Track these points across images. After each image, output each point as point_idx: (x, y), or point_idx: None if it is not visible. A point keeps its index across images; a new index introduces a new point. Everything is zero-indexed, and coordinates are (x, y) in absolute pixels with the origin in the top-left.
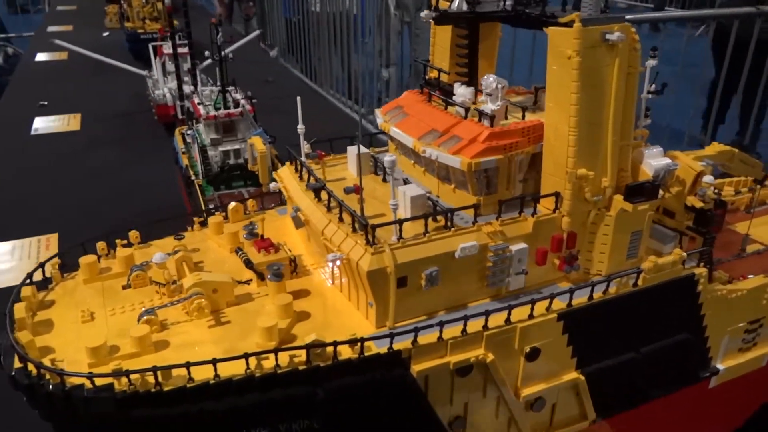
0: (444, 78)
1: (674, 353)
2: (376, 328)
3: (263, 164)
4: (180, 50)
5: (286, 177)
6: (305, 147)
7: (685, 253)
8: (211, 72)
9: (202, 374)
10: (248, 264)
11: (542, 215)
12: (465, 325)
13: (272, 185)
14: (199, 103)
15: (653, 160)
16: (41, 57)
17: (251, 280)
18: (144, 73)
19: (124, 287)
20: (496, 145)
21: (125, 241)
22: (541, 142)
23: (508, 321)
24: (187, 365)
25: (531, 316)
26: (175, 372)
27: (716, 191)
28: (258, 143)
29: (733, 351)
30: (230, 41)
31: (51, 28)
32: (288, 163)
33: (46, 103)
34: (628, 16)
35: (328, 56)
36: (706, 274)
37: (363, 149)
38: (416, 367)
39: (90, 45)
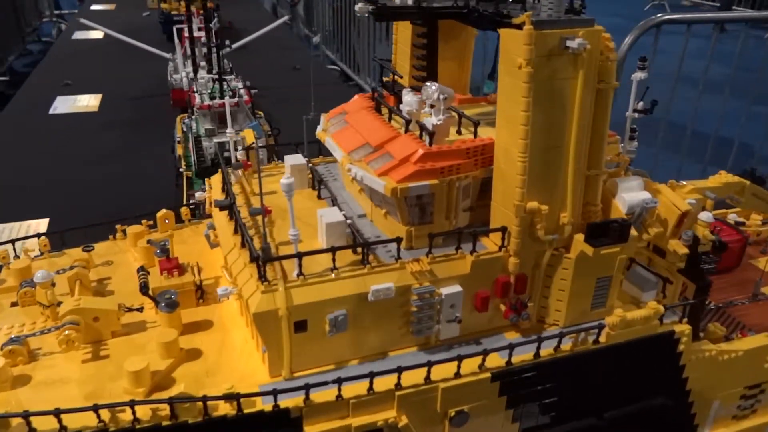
0: (406, 82)
1: (648, 419)
2: (270, 378)
3: (253, 161)
4: (196, 34)
5: (215, 186)
6: (238, 154)
7: (662, 307)
8: (240, 58)
9: (46, 425)
10: (143, 289)
11: (483, 253)
12: (371, 382)
13: (198, 194)
14: (194, 92)
15: (628, 194)
16: (78, 36)
17: (143, 307)
18: (167, 56)
19: (12, 304)
20: (430, 168)
21: (33, 250)
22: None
23: (428, 379)
24: (25, 415)
25: (458, 375)
26: (14, 421)
27: (735, 223)
28: (249, 137)
29: (726, 418)
30: (229, 26)
31: (94, 6)
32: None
33: (70, 82)
34: (688, 15)
35: (366, 43)
36: (689, 332)
37: (296, 159)
38: (309, 430)
39: (127, 25)
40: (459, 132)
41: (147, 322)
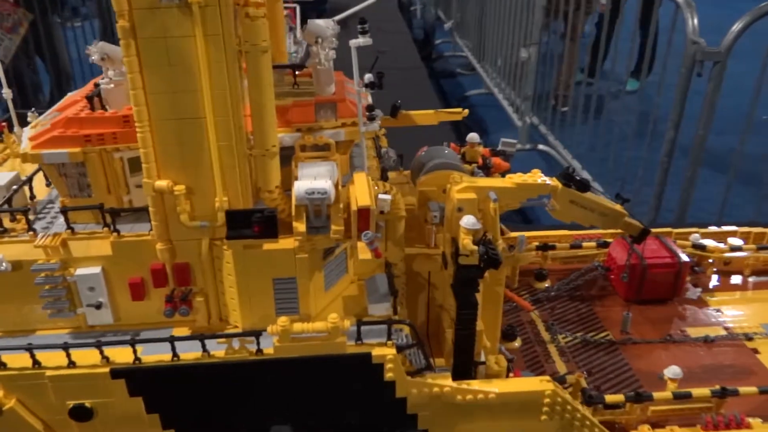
0: None
1: None
2: None
3: None
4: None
5: None
6: None
7: (346, 323)
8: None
9: None
10: None
11: (129, 235)
12: None
13: None
14: None
15: (301, 182)
16: None
17: None
18: None
19: None
20: (73, 135)
21: None
22: None
23: (36, 364)
24: None
25: (72, 364)
26: None
27: (694, 245)
28: None
29: None
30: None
31: None
32: None
33: None
34: None
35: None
36: (393, 357)
37: None
38: None
39: None
40: None
41: None
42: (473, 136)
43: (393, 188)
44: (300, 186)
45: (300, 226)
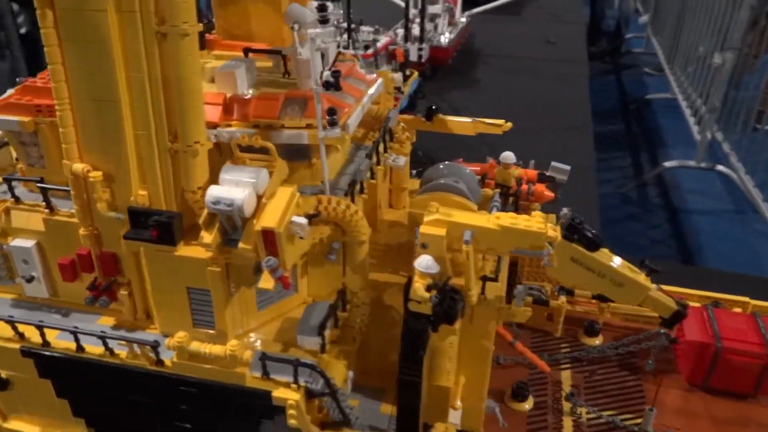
0: None
1: None
2: None
3: None
4: None
5: None
6: None
7: (247, 353)
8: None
9: None
10: None
11: (62, 213)
12: None
13: None
14: None
15: (216, 188)
16: None
17: None
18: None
19: None
20: (26, 103)
21: None
22: None
23: None
24: None
25: None
26: None
27: None
28: None
29: None
30: None
31: None
32: None
33: None
34: None
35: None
36: (298, 403)
37: None
38: None
39: None
40: None
41: None
42: (508, 156)
43: (353, 208)
44: (210, 192)
45: (207, 236)
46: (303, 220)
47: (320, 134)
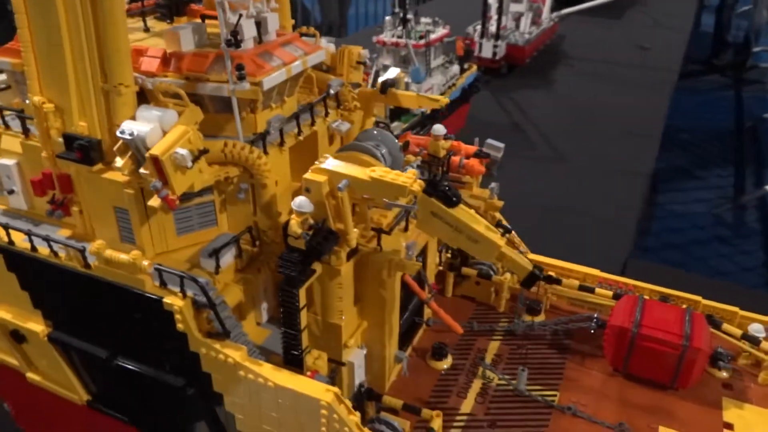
0: None
1: (168, 397)
2: None
3: None
4: None
5: None
6: None
7: (144, 262)
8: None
9: None
10: None
11: (33, 139)
12: None
13: None
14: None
15: (135, 122)
16: None
17: None
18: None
19: None
20: (18, 49)
21: None
22: None
23: None
24: None
25: None
26: None
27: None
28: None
29: None
30: None
31: None
32: None
33: None
34: None
35: None
36: (182, 310)
37: None
38: None
39: None
40: None
41: None
42: (438, 128)
43: (257, 153)
44: (122, 125)
45: (119, 161)
46: (184, 152)
47: (230, 87)
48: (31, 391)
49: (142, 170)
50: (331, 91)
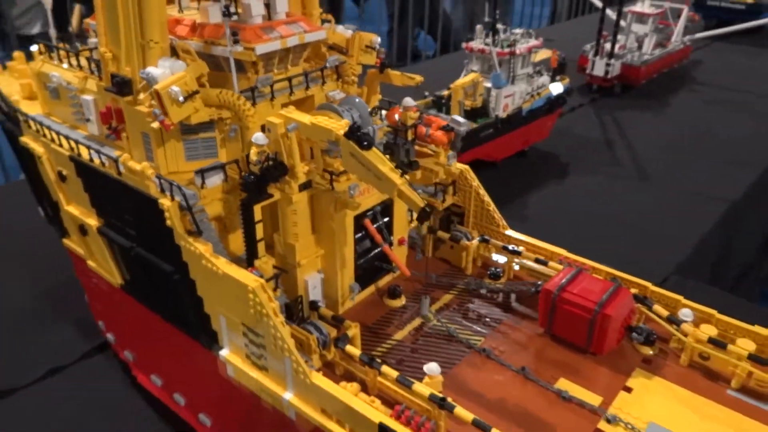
0: None
1: (164, 280)
2: None
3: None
4: None
5: None
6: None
7: (150, 170)
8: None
9: None
10: None
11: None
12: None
13: None
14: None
15: (155, 68)
16: None
17: None
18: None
19: None
20: None
21: None
22: None
23: (53, 140)
24: None
25: (60, 146)
26: None
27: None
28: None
29: (240, 350)
30: None
31: None
32: None
33: None
34: None
35: None
36: (170, 209)
37: None
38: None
39: None
40: None
41: None
42: (407, 100)
43: (242, 100)
44: (145, 69)
45: (142, 95)
46: (177, 89)
47: (228, 48)
48: (91, 275)
49: (152, 102)
50: (327, 65)
